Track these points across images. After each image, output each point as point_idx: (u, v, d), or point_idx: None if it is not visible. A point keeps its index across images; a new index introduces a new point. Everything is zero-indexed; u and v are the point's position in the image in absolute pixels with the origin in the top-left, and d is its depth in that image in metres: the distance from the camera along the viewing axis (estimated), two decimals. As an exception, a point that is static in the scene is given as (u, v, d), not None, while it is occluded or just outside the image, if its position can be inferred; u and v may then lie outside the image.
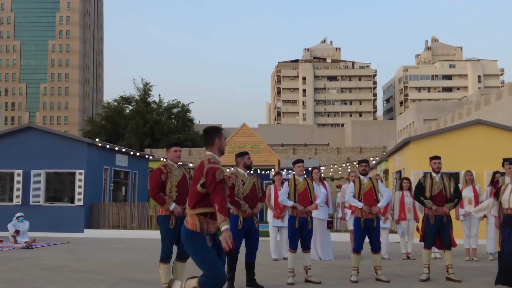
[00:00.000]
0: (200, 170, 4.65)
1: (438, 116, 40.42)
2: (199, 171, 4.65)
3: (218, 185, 4.50)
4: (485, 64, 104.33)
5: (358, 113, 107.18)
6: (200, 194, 4.62)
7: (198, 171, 4.68)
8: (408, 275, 8.71)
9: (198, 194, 4.63)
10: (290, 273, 7.78)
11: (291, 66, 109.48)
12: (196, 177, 4.67)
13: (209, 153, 4.83)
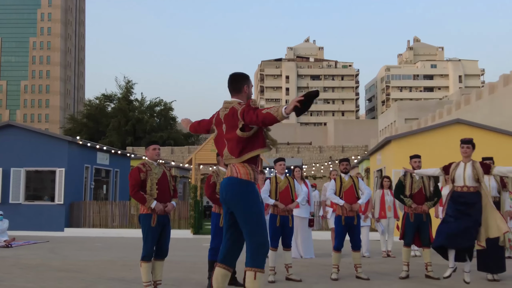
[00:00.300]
0: (233, 115, 4.32)
1: (419, 115, 40.82)
2: (232, 117, 4.32)
3: (258, 109, 4.20)
4: (466, 64, 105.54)
5: (341, 112, 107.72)
6: (241, 139, 4.29)
7: (230, 117, 4.35)
8: (388, 272, 8.80)
9: (240, 139, 4.29)
10: (271, 271, 7.81)
11: (274, 65, 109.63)
12: (231, 125, 4.32)
13: (235, 99, 4.50)
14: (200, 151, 16.74)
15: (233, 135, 4.32)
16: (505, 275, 8.32)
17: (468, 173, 7.23)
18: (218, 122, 4.54)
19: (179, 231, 17.06)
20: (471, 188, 7.17)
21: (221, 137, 4.49)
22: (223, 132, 4.45)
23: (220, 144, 4.52)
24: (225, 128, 4.42)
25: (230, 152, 4.37)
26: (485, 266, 8.15)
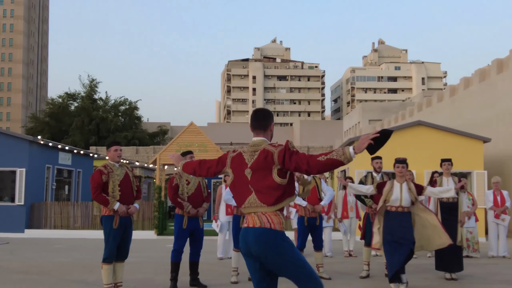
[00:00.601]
0: (266, 158, 3.87)
1: (382, 116, 41.51)
2: (265, 161, 3.87)
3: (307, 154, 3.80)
4: (429, 67, 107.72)
5: (307, 113, 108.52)
6: (278, 186, 3.83)
7: (262, 161, 3.88)
8: (349, 272, 8.94)
9: (277, 186, 3.83)
10: (234, 272, 7.84)
11: (241, 65, 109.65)
12: (262, 169, 3.86)
13: (262, 138, 4.02)
14: (165, 151, 16.60)
15: (268, 181, 3.84)
16: (462, 274, 8.55)
17: (405, 196, 7.36)
18: (237, 165, 4.01)
19: (143, 232, 16.91)
20: (405, 209, 7.35)
21: (243, 183, 3.95)
22: (248, 178, 3.92)
23: (241, 190, 3.97)
24: (250, 173, 3.91)
25: (261, 200, 3.85)
26: (444, 266, 8.36)
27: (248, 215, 3.92)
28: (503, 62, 18.57)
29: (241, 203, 3.97)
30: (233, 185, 4.06)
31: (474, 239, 11.32)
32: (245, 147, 4.09)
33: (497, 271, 9.30)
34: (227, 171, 4.11)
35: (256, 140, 4.04)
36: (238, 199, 4.01)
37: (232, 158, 4.08)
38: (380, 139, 3.67)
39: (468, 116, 20.75)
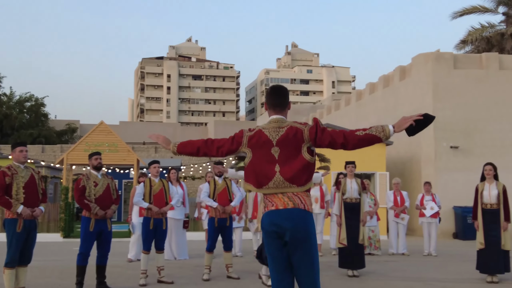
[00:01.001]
0: (296, 136, 3.71)
1: (294, 118, 42.49)
2: (294, 138, 3.70)
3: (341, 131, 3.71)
4: (339, 71, 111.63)
5: (222, 113, 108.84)
6: (308, 164, 3.66)
7: (291, 138, 3.70)
8: (257, 271, 9.13)
9: (307, 164, 3.65)
10: (142, 274, 7.79)
11: (155, 63, 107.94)
12: (291, 147, 3.68)
13: (282, 116, 3.86)
14: (72, 150, 16.05)
15: (298, 160, 3.67)
16: (364, 270, 9.03)
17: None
18: (259, 143, 3.77)
19: (48, 234, 16.27)
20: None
21: (267, 162, 3.71)
22: (274, 157, 3.69)
23: (264, 170, 3.71)
24: (278, 151, 3.70)
25: (290, 179, 3.65)
26: (346, 263, 8.79)
27: (272, 196, 3.69)
28: (405, 69, 19.71)
29: (263, 184, 3.70)
30: (253, 165, 3.75)
31: (375, 237, 11.96)
32: (263, 124, 3.88)
33: (397, 268, 9.89)
34: (243, 150, 3.83)
35: (276, 118, 3.83)
36: (259, 179, 3.71)
37: (249, 137, 3.83)
38: (421, 123, 3.59)
39: (373, 120, 21.80)
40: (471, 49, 25.91)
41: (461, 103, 17.39)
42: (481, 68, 17.85)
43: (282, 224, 3.58)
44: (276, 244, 3.64)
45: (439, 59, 17.68)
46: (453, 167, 16.81)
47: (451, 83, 17.49)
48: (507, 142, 17.39)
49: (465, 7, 26.03)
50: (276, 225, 3.60)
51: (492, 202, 8.28)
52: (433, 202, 11.97)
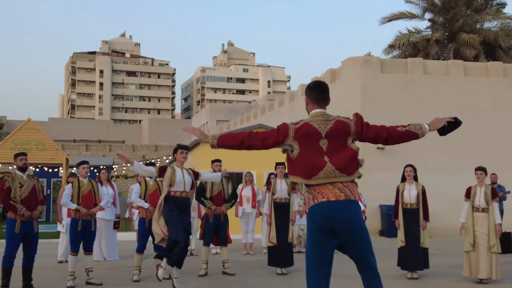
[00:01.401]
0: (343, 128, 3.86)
1: (229, 117, 42.81)
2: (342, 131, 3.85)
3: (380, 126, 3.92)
4: (275, 71, 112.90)
5: (157, 110, 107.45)
6: (356, 154, 3.86)
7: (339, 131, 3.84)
8: (188, 271, 9.19)
9: (355, 155, 3.84)
10: (70, 276, 7.69)
11: (87, 58, 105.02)
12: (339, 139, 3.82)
13: (325, 111, 4.00)
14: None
15: (346, 150, 3.83)
16: (293, 268, 9.29)
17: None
18: (307, 136, 3.85)
19: (-29, 236, 15.59)
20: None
21: (316, 154, 3.80)
22: (323, 149, 3.80)
23: (313, 161, 3.80)
24: (326, 143, 3.82)
25: (340, 168, 3.76)
26: (275, 261, 9.03)
27: (322, 187, 3.77)
28: (335, 72, 20.32)
29: (312, 175, 3.77)
30: (301, 157, 3.81)
31: (305, 236, 12.29)
32: (307, 118, 3.95)
33: (323, 264, 10.22)
34: (289, 143, 3.87)
35: (320, 111, 3.95)
36: (309, 170, 3.79)
37: (296, 129, 3.88)
38: (452, 124, 3.90)
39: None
40: (399, 54, 27.02)
41: (388, 106, 18.15)
42: (406, 73, 18.70)
43: (336, 216, 3.68)
44: (325, 237, 3.72)
45: (367, 63, 18.37)
46: (379, 167, 17.50)
47: (378, 87, 18.22)
48: (429, 144, 18.29)
49: (394, 13, 27.15)
50: (330, 217, 3.68)
51: (412, 202, 8.75)
52: (359, 201, 12.45)
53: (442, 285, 8.06)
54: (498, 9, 27.58)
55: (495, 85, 19.26)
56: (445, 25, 27.65)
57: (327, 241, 3.74)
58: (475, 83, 19.10)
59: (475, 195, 8.35)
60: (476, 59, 24.75)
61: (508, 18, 26.91)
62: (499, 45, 25.71)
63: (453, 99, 18.75)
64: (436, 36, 26.34)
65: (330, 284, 3.80)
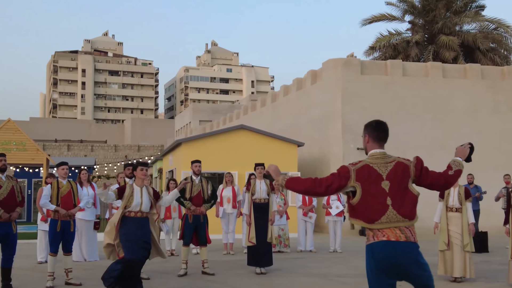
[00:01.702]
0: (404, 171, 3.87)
1: (212, 117, 42.86)
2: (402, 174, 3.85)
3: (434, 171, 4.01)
4: (258, 71, 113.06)
5: (140, 110, 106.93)
6: (416, 199, 3.87)
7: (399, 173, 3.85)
8: (168, 271, 9.29)
9: (417, 199, 3.86)
10: (49, 276, 7.73)
11: (69, 56, 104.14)
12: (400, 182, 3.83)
13: (385, 151, 4.01)
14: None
15: (408, 195, 3.83)
16: (272, 268, 9.41)
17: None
18: (368, 178, 3.86)
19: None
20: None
21: (378, 196, 3.81)
22: (385, 190, 3.80)
23: (375, 204, 3.81)
24: (388, 185, 3.82)
25: (403, 214, 3.77)
26: (255, 261, 9.14)
27: (384, 229, 3.79)
28: (316, 73, 20.50)
29: (375, 219, 3.78)
30: (364, 200, 3.82)
31: (285, 236, 12.44)
32: (367, 159, 3.97)
33: (303, 264, 10.37)
34: (352, 185, 3.86)
35: (380, 152, 3.97)
36: (371, 214, 3.80)
37: (357, 171, 3.89)
38: (472, 149, 4.27)
39: (287, 121, 22.48)
40: (379, 55, 27.28)
41: (368, 107, 18.36)
42: (386, 74, 18.95)
43: (395, 257, 3.73)
44: (385, 274, 3.78)
45: (347, 64, 18.57)
46: (360, 168, 17.70)
47: (358, 88, 18.43)
48: (410, 145, 18.57)
49: (374, 15, 27.41)
50: (390, 258, 3.73)
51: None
52: (338, 201, 12.62)
53: (417, 283, 8.21)
54: (477, 11, 28.00)
55: (473, 86, 19.60)
56: (425, 27, 28.00)
57: (388, 278, 3.81)
58: (454, 84, 19.42)
59: (449, 195, 8.54)
60: (455, 61, 25.12)
61: (487, 21, 27.34)
62: (478, 47, 26.11)
63: (431, 100, 19.05)
64: (416, 38, 26.67)
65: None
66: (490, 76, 20.04)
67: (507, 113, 19.60)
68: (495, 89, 19.78)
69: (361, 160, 4.00)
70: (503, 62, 26.09)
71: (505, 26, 26.89)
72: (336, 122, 18.40)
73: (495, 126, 19.33)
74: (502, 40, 27.07)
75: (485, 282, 8.28)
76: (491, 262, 10.62)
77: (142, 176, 7.15)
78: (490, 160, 18.64)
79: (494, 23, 27.12)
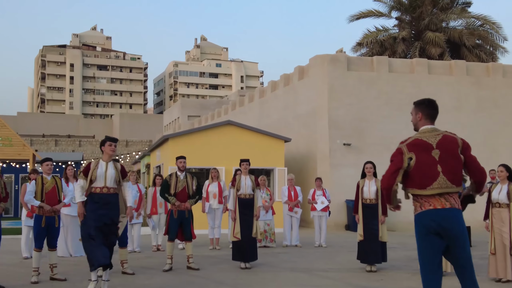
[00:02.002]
0: (452, 143, 4.24)
1: (201, 113, 42.82)
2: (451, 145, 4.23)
3: None
4: (248, 66, 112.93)
5: (129, 105, 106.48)
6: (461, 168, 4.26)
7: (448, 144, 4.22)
8: (153, 266, 9.36)
9: (461, 168, 4.25)
10: (34, 272, 7.77)
11: (57, 51, 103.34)
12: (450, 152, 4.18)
13: (434, 126, 4.38)
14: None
15: (456, 162, 4.20)
16: (256, 262, 9.51)
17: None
18: (419, 147, 4.23)
19: None
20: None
21: (429, 165, 4.18)
22: (435, 159, 4.17)
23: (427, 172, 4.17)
24: (438, 154, 4.19)
25: (451, 181, 4.14)
26: (240, 256, 9.23)
27: (430, 197, 4.12)
28: (304, 69, 20.58)
29: (427, 185, 4.13)
30: (417, 168, 4.18)
31: (271, 231, 12.53)
32: (416, 134, 4.36)
33: (288, 259, 10.47)
34: (409, 156, 4.21)
35: (431, 127, 4.34)
36: (423, 180, 4.15)
37: (407, 145, 4.28)
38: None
39: (274, 117, 22.56)
40: (366, 51, 27.44)
41: (354, 103, 18.49)
42: (372, 71, 19.07)
43: (442, 222, 4.06)
44: (432, 241, 4.09)
45: (334, 61, 18.67)
46: (346, 163, 17.85)
47: (345, 84, 18.54)
48: (396, 140, 18.67)
49: (362, 11, 27.54)
50: (436, 223, 4.06)
51: (371, 197, 9.06)
52: (323, 196, 12.74)
53: (398, 277, 8.36)
54: (463, 8, 28.24)
55: (458, 83, 19.79)
56: (412, 23, 28.19)
57: (436, 243, 4.11)
58: (439, 81, 19.59)
59: None
60: (441, 57, 25.32)
61: (473, 17, 27.59)
62: (464, 44, 26.34)
63: (417, 96, 18.85)
64: (402, 34, 26.84)
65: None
66: (475, 73, 20.24)
67: (492, 109, 19.83)
68: (480, 85, 19.99)
69: (410, 136, 4.36)
70: (488, 58, 26.34)
71: (491, 23, 27.15)
72: (322, 118, 18.51)
73: (479, 122, 19.56)
74: (487, 36, 27.32)
75: (465, 276, 8.43)
76: (473, 257, 10.68)
77: (110, 152, 6.93)
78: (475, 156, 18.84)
79: (480, 19, 27.38)
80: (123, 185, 7.01)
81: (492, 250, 8.04)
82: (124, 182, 7.04)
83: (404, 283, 7.91)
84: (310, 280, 8.29)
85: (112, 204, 6.80)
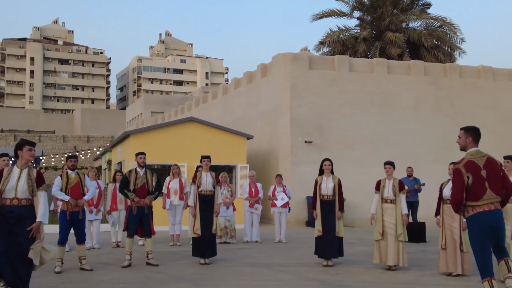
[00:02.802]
0: (493, 164, 5.56)
1: (164, 109, 42.54)
2: (493, 165, 5.55)
3: None
4: (213, 62, 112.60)
5: (91, 100, 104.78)
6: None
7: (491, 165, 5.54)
8: (112, 262, 9.35)
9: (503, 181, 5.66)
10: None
11: (18, 44, 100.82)
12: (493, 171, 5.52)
13: (479, 149, 5.67)
14: None
15: (499, 179, 5.54)
16: (216, 258, 9.59)
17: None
18: (473, 168, 5.50)
19: None
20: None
21: (480, 182, 5.47)
22: (483, 177, 5.48)
23: (479, 187, 5.45)
24: (485, 173, 5.50)
25: (497, 192, 5.49)
26: (199, 252, 9.30)
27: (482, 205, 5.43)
28: (267, 67, 20.75)
29: (480, 197, 5.43)
30: (473, 184, 5.45)
31: (231, 227, 12.63)
32: (467, 155, 5.61)
33: (248, 255, 10.60)
34: (467, 175, 5.46)
35: (477, 150, 5.62)
36: (477, 193, 5.44)
37: (464, 165, 5.53)
38: None
39: (237, 114, 22.66)
40: (329, 51, 27.78)
41: (316, 101, 18.76)
42: (334, 70, 19.37)
43: (490, 220, 5.40)
44: (486, 233, 5.37)
45: (296, 59, 18.89)
46: (307, 161, 18.10)
47: (307, 83, 18.79)
48: (356, 139, 19.12)
49: (324, 10, 27.86)
50: (487, 221, 5.38)
51: (329, 193, 9.26)
52: (283, 193, 12.91)
53: (354, 272, 8.57)
54: (423, 9, 28.89)
55: (417, 83, 20.30)
56: (373, 23, 28.67)
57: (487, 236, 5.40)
58: (398, 80, 20.05)
59: (384, 188, 8.93)
60: (400, 58, 25.88)
61: (432, 19, 28.26)
62: (423, 44, 26.96)
63: (377, 96, 19.62)
64: (363, 34, 27.29)
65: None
66: (433, 73, 20.80)
67: (449, 108, 20.42)
68: (437, 85, 20.55)
69: (463, 158, 5.61)
70: (446, 59, 27.05)
71: (449, 24, 27.88)
72: (284, 116, 18.71)
73: (437, 121, 20.11)
74: (446, 37, 28.05)
75: (418, 271, 8.68)
76: (426, 252, 11.13)
77: (29, 158, 5.98)
78: (432, 154, 19.42)
79: (439, 21, 28.07)
80: (37, 195, 5.97)
81: (443, 245, 8.31)
82: (38, 191, 6.00)
83: (359, 277, 8.13)
84: (268, 274, 8.44)
85: (21, 219, 5.81)
